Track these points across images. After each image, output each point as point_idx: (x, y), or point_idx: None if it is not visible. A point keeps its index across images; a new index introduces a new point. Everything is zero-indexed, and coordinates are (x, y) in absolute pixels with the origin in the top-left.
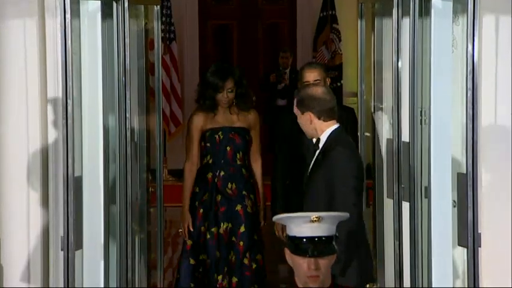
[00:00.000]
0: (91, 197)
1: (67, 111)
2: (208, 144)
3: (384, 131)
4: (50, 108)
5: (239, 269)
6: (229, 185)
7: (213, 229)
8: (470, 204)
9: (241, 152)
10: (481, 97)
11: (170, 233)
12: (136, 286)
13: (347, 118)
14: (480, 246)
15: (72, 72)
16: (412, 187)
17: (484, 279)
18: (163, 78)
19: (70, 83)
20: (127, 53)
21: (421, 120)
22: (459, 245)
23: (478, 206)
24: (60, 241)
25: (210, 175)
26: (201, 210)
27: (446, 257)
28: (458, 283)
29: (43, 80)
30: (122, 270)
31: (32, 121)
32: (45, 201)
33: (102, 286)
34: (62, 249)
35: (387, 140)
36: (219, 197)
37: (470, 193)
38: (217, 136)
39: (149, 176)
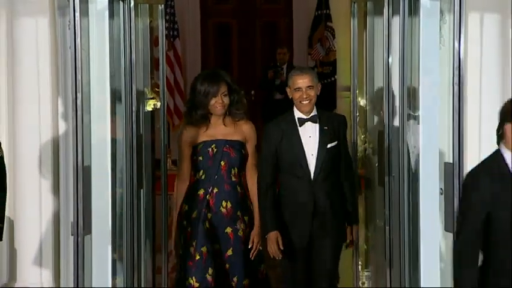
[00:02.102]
0: (99, 185)
1: (77, 104)
2: (201, 158)
3: (375, 123)
4: (60, 101)
5: None
6: (224, 204)
7: (202, 248)
8: (456, 192)
9: (236, 168)
10: (467, 91)
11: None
12: (142, 269)
13: (339, 124)
14: None
15: (81, 67)
16: (401, 176)
17: None
18: (167, 73)
19: (79, 78)
20: (133, 49)
21: (410, 112)
22: (445, 230)
23: None
24: (70, 226)
25: (201, 191)
26: (189, 229)
27: (433, 241)
28: (444, 266)
29: (54, 74)
30: (129, 254)
31: (43, 113)
32: (56, 189)
33: (110, 269)
34: (72, 234)
35: (379, 131)
36: (209, 216)
37: (456, 181)
38: (210, 149)
39: (154, 166)
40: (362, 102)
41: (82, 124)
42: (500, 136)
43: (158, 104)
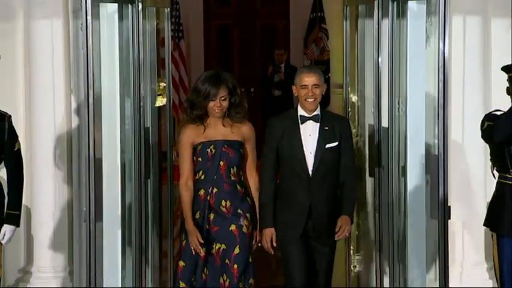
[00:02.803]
0: (109, 176)
1: (88, 100)
2: (200, 159)
3: (366, 117)
4: (73, 97)
5: None
6: (223, 203)
7: (202, 249)
8: (441, 182)
9: (235, 167)
10: (451, 88)
11: (179, 207)
12: (149, 253)
13: (341, 127)
14: (449, 219)
15: (93, 66)
16: (390, 167)
17: (452, 247)
18: (172, 71)
19: (91, 76)
20: (141, 49)
21: (398, 108)
22: (431, 217)
23: (448, 183)
24: (83, 214)
25: (202, 192)
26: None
27: (419, 227)
28: (429, 251)
29: (67, 72)
30: (137, 239)
31: (57, 109)
32: (69, 180)
33: (120, 253)
34: (84, 221)
35: (369, 125)
36: (211, 216)
37: (441, 172)
38: (208, 150)
39: (161, 157)
40: (354, 98)
41: (93, 119)
42: (484, 131)
43: (165, 100)
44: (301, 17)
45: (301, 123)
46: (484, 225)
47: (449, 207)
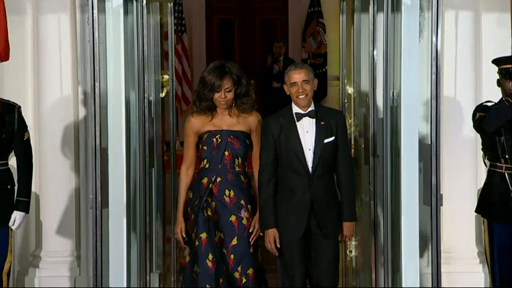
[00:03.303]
0: (115, 165)
1: (95, 92)
2: (205, 148)
3: (362, 108)
4: (80, 89)
5: (228, 284)
6: (227, 192)
7: (201, 235)
8: (433, 170)
9: (240, 158)
10: (443, 80)
11: None
12: (153, 239)
13: (336, 120)
14: (442, 205)
15: (99, 59)
16: (385, 156)
17: (444, 232)
18: (175, 64)
19: (97, 68)
20: (145, 43)
21: (393, 99)
22: (424, 204)
23: (440, 171)
24: (89, 201)
25: (205, 180)
26: (192, 216)
27: (412, 214)
28: (422, 236)
29: (74, 65)
30: (141, 225)
31: (65, 100)
32: (76, 168)
33: (125, 238)
34: (91, 208)
35: (364, 116)
36: (213, 204)
37: (433, 161)
38: (214, 139)
39: (164, 147)
40: (350, 90)
41: (99, 110)
42: (476, 121)
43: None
44: (300, 11)
45: (298, 121)
46: (476, 211)
47: (441, 194)
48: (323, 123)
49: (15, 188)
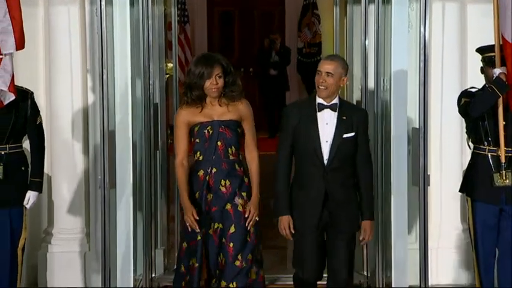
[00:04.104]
0: (121, 147)
1: (103, 78)
2: (198, 140)
3: (354, 94)
4: (89, 76)
5: (229, 273)
6: (223, 182)
7: (202, 229)
8: (421, 153)
9: (233, 147)
10: (431, 68)
11: None
12: (158, 217)
13: (359, 117)
14: (429, 185)
15: (106, 48)
16: (376, 139)
17: (431, 211)
18: (178, 52)
19: (105, 57)
20: (150, 33)
21: (383, 85)
22: (413, 184)
23: (427, 153)
24: (98, 181)
25: (201, 173)
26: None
27: (402, 194)
28: (411, 215)
29: (83, 54)
30: (147, 204)
31: (75, 87)
32: (86, 150)
33: (131, 216)
34: (99, 188)
35: (357, 101)
36: (210, 196)
37: (421, 144)
38: (206, 131)
39: (168, 131)
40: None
41: (107, 95)
42: (461, 107)
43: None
44: (296, 3)
45: (319, 111)
46: (460, 191)
47: (429, 175)
48: (344, 118)
49: (29, 169)
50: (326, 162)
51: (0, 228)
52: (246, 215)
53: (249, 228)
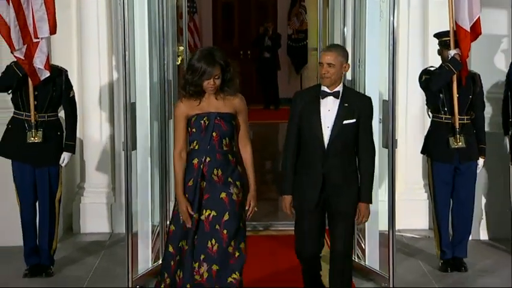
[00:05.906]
0: (141, 116)
1: (125, 59)
2: (194, 130)
3: None
4: (114, 57)
5: (221, 258)
6: (215, 171)
7: (194, 215)
8: (390, 120)
9: (227, 138)
10: (398, 50)
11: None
12: (171, 173)
13: (362, 105)
14: (396, 148)
15: (128, 33)
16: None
17: (398, 169)
18: (188, 38)
19: (127, 41)
20: (165, 21)
21: (359, 65)
22: (383, 147)
23: (395, 121)
24: (121, 144)
25: (196, 161)
26: (187, 195)
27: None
28: (381, 173)
29: (109, 38)
30: (162, 163)
31: (102, 66)
32: (111, 119)
33: (150, 173)
34: (123, 150)
35: None
36: (203, 184)
37: (390, 113)
38: (202, 122)
39: None
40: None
41: (129, 73)
42: (422, 82)
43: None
44: None
45: (322, 98)
46: (421, 152)
47: (397, 139)
48: (346, 104)
49: (64, 134)
50: (326, 146)
51: (41, 183)
52: (246, 208)
53: (247, 219)
